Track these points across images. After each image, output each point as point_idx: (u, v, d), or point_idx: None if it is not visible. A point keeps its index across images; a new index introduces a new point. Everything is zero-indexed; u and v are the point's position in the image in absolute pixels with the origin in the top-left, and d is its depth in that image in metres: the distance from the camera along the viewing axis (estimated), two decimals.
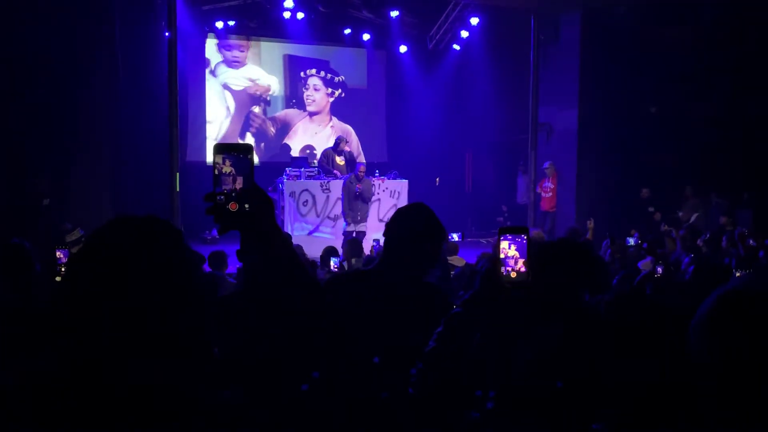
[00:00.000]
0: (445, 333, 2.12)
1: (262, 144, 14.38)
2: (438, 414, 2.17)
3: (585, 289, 2.39)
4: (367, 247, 9.06)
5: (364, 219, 10.63)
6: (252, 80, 14.36)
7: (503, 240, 1.93)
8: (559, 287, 2.30)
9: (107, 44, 10.49)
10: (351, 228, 10.46)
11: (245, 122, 14.33)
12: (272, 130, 14.57)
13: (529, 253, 1.93)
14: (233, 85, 14.20)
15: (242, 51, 14.21)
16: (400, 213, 2.70)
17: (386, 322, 2.51)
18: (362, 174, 10.55)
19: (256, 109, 14.45)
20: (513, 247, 1.93)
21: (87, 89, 10.18)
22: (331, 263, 6.84)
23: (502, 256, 1.93)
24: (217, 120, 14.11)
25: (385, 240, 2.71)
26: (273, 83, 14.54)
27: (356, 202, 10.47)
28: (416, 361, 2.18)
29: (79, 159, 10.25)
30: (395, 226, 2.66)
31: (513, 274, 1.92)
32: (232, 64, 14.16)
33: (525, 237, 1.93)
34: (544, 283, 2.22)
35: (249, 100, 14.37)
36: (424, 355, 2.13)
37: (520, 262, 1.92)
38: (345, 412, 2.41)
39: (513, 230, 1.95)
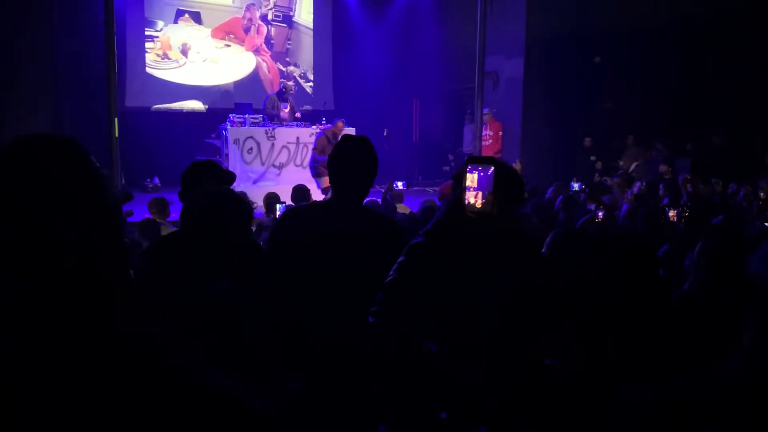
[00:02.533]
0: (405, 263, 2.11)
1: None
2: (398, 345, 2.19)
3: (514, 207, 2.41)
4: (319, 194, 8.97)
5: None
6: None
7: (470, 171, 1.92)
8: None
9: None
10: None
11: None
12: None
13: (496, 184, 1.92)
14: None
15: None
16: (337, 146, 2.73)
17: (341, 251, 2.54)
18: (340, 130, 10.03)
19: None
20: (479, 177, 1.92)
21: (21, 34, 9.70)
22: (277, 209, 6.77)
23: (468, 185, 1.92)
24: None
25: (329, 171, 2.72)
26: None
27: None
28: (374, 291, 2.18)
29: (15, 108, 9.83)
30: (335, 156, 2.69)
31: (478, 205, 1.92)
32: None
33: (492, 168, 1.92)
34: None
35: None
36: (385, 285, 2.12)
37: (485, 193, 1.92)
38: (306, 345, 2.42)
39: (480, 160, 1.94)
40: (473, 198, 1.92)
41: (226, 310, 1.98)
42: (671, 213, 5.20)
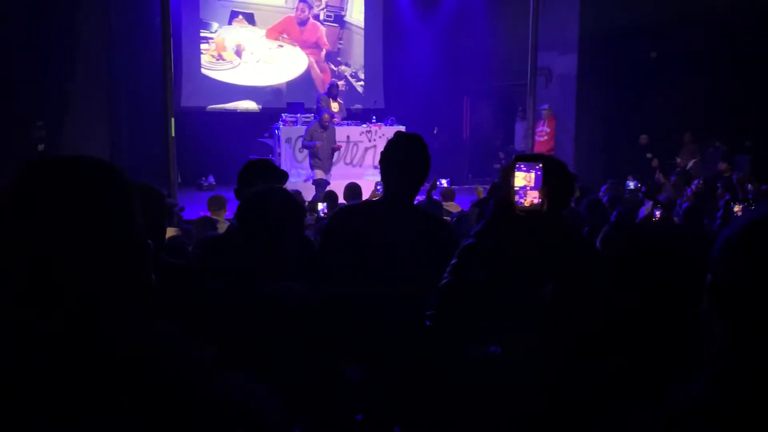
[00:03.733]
0: (459, 265, 2.11)
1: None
2: (455, 346, 2.19)
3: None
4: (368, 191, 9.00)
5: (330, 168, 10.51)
6: None
7: (518, 169, 1.91)
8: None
9: None
10: (320, 176, 10.34)
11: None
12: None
13: (545, 182, 1.91)
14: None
15: None
16: (390, 142, 2.73)
17: (391, 250, 2.55)
18: (326, 122, 10.27)
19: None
20: (528, 175, 1.91)
21: (80, 35, 10.03)
22: (318, 209, 6.84)
23: (516, 184, 1.91)
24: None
25: (381, 169, 2.73)
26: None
27: (327, 150, 10.32)
28: (424, 291, 2.18)
29: (74, 106, 10.17)
30: (387, 153, 2.69)
31: (527, 203, 1.91)
32: None
33: (540, 166, 1.91)
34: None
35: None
36: (439, 288, 2.13)
37: (535, 191, 1.91)
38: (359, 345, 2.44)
39: (529, 158, 1.93)
40: (523, 196, 1.91)
41: (294, 304, 2.03)
42: (736, 208, 4.95)
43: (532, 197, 1.90)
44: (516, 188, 1.91)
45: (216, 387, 1.01)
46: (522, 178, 1.91)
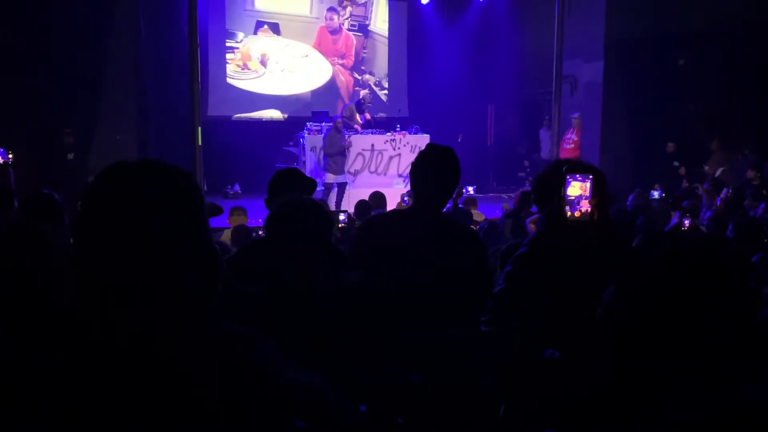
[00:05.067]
0: (513, 272, 2.16)
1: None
2: (515, 353, 2.21)
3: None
4: (395, 200, 9.02)
5: (343, 171, 10.64)
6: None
7: (570, 179, 1.94)
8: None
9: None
10: (330, 180, 10.43)
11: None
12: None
13: (596, 192, 1.94)
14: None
15: None
16: (422, 154, 2.75)
17: (420, 260, 2.56)
18: (340, 125, 10.50)
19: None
20: (582, 185, 1.94)
21: (109, 44, 10.20)
22: (340, 218, 6.83)
23: (569, 195, 1.95)
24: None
25: (411, 180, 2.76)
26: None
27: (338, 156, 10.46)
28: (455, 300, 2.21)
29: (103, 114, 10.34)
30: (418, 165, 2.71)
31: (578, 213, 1.95)
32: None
33: (591, 176, 1.93)
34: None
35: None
36: (495, 294, 2.19)
37: (586, 201, 1.93)
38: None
39: (579, 169, 1.96)
40: (575, 207, 1.94)
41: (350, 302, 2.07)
42: None
43: (585, 207, 1.93)
44: (569, 198, 1.92)
45: (287, 377, 1.06)
46: (575, 188, 1.93)
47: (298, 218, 2.16)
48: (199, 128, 8.57)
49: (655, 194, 7.76)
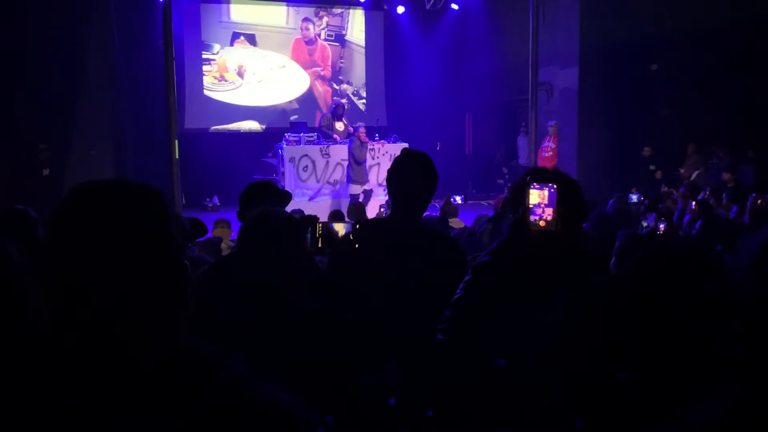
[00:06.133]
0: (473, 281, 2.14)
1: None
2: (468, 360, 2.20)
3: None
4: (374, 210, 9.04)
5: (367, 180, 10.83)
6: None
7: (533, 188, 1.92)
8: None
9: (102, 12, 10.39)
10: (356, 191, 10.57)
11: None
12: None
13: (559, 201, 1.91)
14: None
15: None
16: (396, 161, 2.73)
17: (398, 268, 2.55)
18: (363, 135, 10.75)
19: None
20: (538, 194, 1.92)
21: (83, 58, 10.11)
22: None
23: (531, 204, 1.92)
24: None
25: (388, 189, 2.75)
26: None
27: (362, 165, 10.62)
28: (432, 308, 2.21)
29: (79, 129, 10.23)
30: (393, 172, 2.69)
31: (542, 223, 1.92)
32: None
33: (555, 186, 1.91)
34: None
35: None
36: (453, 303, 2.17)
37: (549, 210, 1.91)
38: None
39: (543, 178, 1.94)
40: (537, 215, 1.91)
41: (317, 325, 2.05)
42: None
43: (546, 216, 1.90)
44: (530, 207, 1.91)
45: (254, 396, 1.06)
46: (536, 198, 1.92)
47: (267, 232, 2.13)
48: (176, 141, 8.51)
49: (634, 198, 7.83)
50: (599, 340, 1.76)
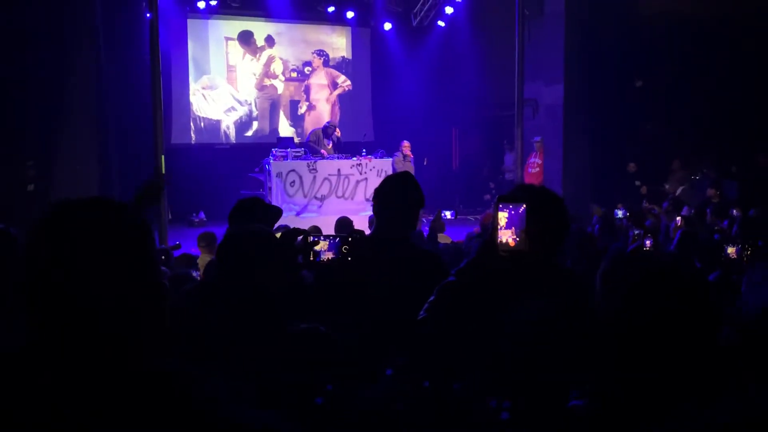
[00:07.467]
0: (436, 302, 2.11)
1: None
2: (427, 383, 2.18)
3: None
4: (362, 225, 9.00)
5: None
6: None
7: (501, 209, 1.90)
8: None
9: (88, 26, 10.37)
10: None
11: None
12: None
13: (528, 222, 1.91)
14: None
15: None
16: (381, 183, 2.79)
17: (383, 286, 2.55)
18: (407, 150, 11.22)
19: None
20: (510, 216, 1.89)
21: (69, 73, 10.07)
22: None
23: (499, 225, 1.89)
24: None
25: (374, 207, 2.78)
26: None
27: None
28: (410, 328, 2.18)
29: (64, 144, 10.16)
30: (378, 192, 2.75)
31: (511, 243, 1.89)
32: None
33: (523, 207, 1.90)
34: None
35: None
36: (416, 323, 2.12)
37: (518, 231, 1.90)
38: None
39: (511, 198, 1.93)
40: (506, 237, 1.90)
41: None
42: (730, 250, 4.61)
43: (512, 237, 1.88)
44: (498, 227, 1.90)
45: (230, 414, 1.06)
46: (504, 219, 1.89)
47: (239, 252, 2.12)
48: (163, 156, 8.49)
49: (619, 213, 7.88)
50: (558, 363, 1.74)
